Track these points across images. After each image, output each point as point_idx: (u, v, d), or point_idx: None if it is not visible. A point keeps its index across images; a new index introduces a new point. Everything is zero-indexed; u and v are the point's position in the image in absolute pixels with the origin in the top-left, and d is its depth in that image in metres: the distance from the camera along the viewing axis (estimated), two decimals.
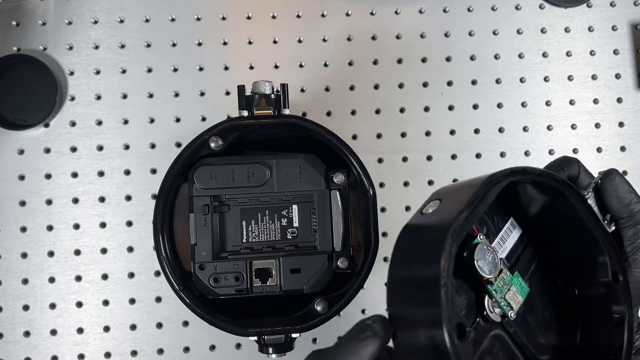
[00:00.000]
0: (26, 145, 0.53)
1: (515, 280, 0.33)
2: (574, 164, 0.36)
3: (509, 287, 0.33)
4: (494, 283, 0.32)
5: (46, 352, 0.51)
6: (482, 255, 0.32)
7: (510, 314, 0.32)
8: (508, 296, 0.32)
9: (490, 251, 0.32)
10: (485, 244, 0.32)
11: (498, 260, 0.32)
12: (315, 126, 0.42)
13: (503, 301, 0.32)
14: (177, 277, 0.41)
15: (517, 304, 0.33)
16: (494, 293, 0.32)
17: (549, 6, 0.57)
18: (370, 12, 0.56)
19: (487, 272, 0.32)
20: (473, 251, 0.32)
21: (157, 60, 0.54)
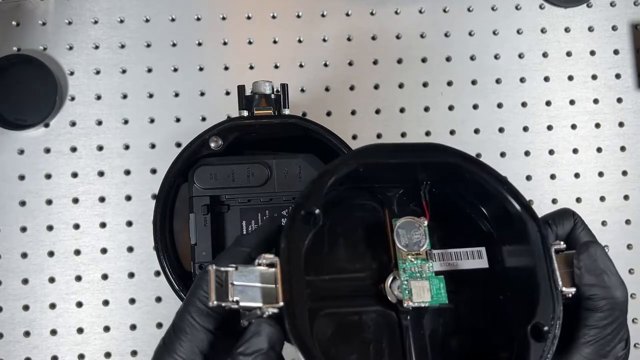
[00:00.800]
0: (26, 145, 0.53)
1: (435, 280, 0.31)
2: (568, 216, 0.32)
3: (422, 280, 0.31)
4: (405, 260, 0.32)
5: (46, 352, 0.51)
6: (407, 226, 0.32)
7: (407, 302, 0.31)
8: (414, 283, 0.31)
9: (419, 231, 0.32)
10: (419, 222, 0.32)
11: (422, 246, 0.32)
12: (315, 126, 0.42)
13: (406, 284, 0.31)
14: (177, 277, 0.41)
15: (420, 298, 0.31)
16: (401, 271, 0.31)
17: (549, 6, 0.57)
18: (370, 12, 0.56)
19: (402, 243, 0.32)
20: (401, 219, 0.32)
21: (157, 60, 0.54)
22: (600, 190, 0.56)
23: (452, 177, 0.32)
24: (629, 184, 0.56)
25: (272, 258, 0.28)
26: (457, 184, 0.33)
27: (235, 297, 0.27)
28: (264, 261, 0.28)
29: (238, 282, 0.27)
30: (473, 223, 0.34)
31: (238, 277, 0.27)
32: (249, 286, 0.27)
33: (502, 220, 0.32)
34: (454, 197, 0.34)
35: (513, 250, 0.32)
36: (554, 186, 0.55)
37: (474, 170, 0.31)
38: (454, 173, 0.32)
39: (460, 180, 0.32)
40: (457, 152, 0.32)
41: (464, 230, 0.34)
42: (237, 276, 0.27)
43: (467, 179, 0.32)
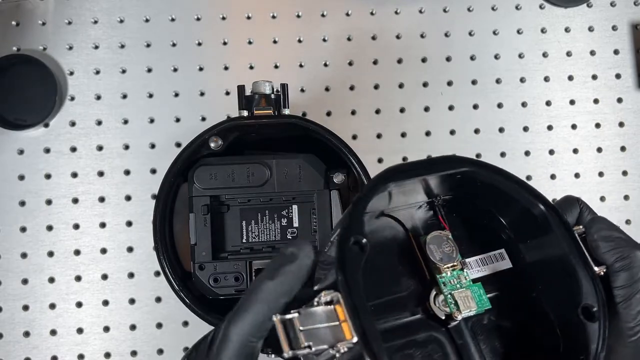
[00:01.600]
0: (26, 145, 0.53)
1: (474, 288, 0.32)
2: (574, 203, 0.34)
3: (463, 289, 0.32)
4: (443, 275, 0.32)
5: (46, 352, 0.51)
6: (436, 242, 0.32)
7: (456, 314, 0.31)
8: (457, 294, 0.31)
9: (449, 244, 0.32)
10: (446, 235, 0.32)
11: (456, 256, 0.32)
12: (315, 126, 0.42)
13: (450, 297, 0.31)
14: (177, 277, 0.41)
15: (466, 308, 0.31)
16: (442, 286, 0.32)
17: (549, 6, 0.57)
18: (370, 12, 0.56)
19: (437, 258, 0.32)
20: (429, 234, 0.32)
21: (157, 60, 0.54)
22: (600, 190, 0.56)
23: (464, 186, 0.33)
24: (629, 184, 0.56)
25: (332, 294, 0.26)
26: (468, 192, 0.33)
27: (306, 343, 0.25)
28: (324, 299, 0.26)
29: (304, 326, 0.26)
30: (486, 228, 0.34)
31: (303, 321, 0.26)
32: (317, 328, 0.26)
33: (519, 218, 0.32)
34: (465, 205, 0.34)
35: (534, 245, 0.33)
36: (554, 186, 0.55)
37: (488, 174, 0.32)
38: (467, 181, 0.32)
39: (472, 187, 0.32)
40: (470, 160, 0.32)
41: (478, 237, 0.34)
42: (302, 320, 0.26)
43: (479, 184, 0.32)
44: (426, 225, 0.34)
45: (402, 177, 0.30)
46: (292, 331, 0.26)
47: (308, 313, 0.26)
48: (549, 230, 0.31)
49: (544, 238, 0.31)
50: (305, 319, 0.26)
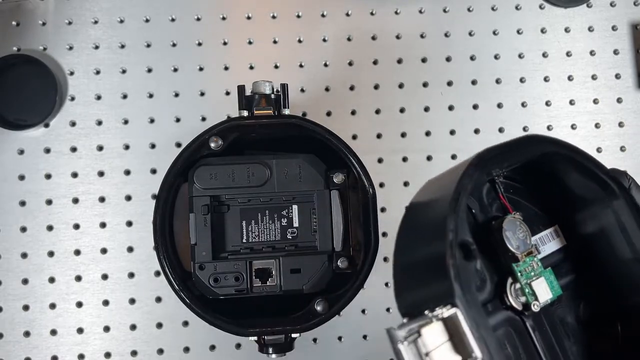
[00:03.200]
0: (26, 145, 0.53)
1: (546, 274, 0.30)
2: (623, 177, 0.32)
3: (538, 276, 0.30)
4: (520, 263, 0.30)
5: (46, 352, 0.51)
6: (512, 228, 0.30)
7: (534, 305, 0.30)
8: (535, 284, 0.30)
9: (522, 229, 0.30)
10: (518, 220, 0.30)
11: (529, 241, 0.30)
12: (315, 126, 0.42)
13: (527, 287, 0.30)
14: (177, 277, 0.41)
15: (543, 297, 0.30)
16: (519, 275, 0.30)
17: (549, 6, 0.57)
18: (370, 12, 0.56)
19: (514, 246, 0.30)
20: (503, 220, 0.30)
21: (157, 60, 0.54)
22: None
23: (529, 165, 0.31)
24: None
25: (449, 310, 0.25)
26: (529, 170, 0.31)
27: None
28: (440, 315, 0.25)
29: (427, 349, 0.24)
30: (539, 205, 0.33)
31: (426, 343, 0.24)
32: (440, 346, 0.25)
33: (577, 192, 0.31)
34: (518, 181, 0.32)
35: (592, 221, 0.31)
36: None
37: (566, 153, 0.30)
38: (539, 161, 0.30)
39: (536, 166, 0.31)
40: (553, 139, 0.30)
41: (531, 215, 0.33)
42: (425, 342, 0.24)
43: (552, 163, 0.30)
44: (486, 204, 0.32)
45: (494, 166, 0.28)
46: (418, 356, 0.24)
47: (427, 333, 0.24)
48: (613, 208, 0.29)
49: (606, 215, 0.30)
50: (426, 340, 0.24)
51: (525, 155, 0.29)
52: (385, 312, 0.53)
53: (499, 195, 0.32)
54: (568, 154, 0.30)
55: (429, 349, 0.24)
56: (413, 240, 0.29)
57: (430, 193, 0.30)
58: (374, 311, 0.53)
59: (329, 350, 0.53)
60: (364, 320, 0.53)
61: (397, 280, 0.28)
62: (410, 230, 0.30)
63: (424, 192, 0.31)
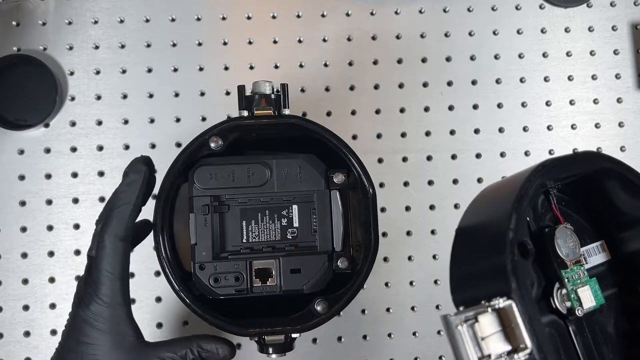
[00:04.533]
0: (26, 145, 0.53)
1: (591, 283, 0.32)
2: None
3: (584, 284, 0.32)
4: (568, 270, 0.32)
5: (46, 352, 0.51)
6: (563, 236, 0.32)
7: (578, 310, 0.31)
8: (580, 291, 0.32)
9: (572, 238, 0.32)
10: (570, 229, 0.32)
11: (578, 250, 0.32)
12: (315, 126, 0.42)
13: (573, 293, 0.32)
14: (177, 277, 0.41)
15: (587, 304, 0.32)
16: (566, 281, 0.32)
17: (549, 6, 0.57)
18: (370, 12, 0.56)
19: (564, 253, 0.32)
20: (556, 229, 0.32)
21: (157, 60, 0.54)
22: None
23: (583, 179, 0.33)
24: None
25: (505, 301, 0.26)
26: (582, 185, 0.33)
27: (489, 352, 0.26)
28: (496, 305, 0.26)
29: (484, 334, 0.26)
30: (588, 219, 0.34)
31: (482, 329, 0.26)
32: (494, 334, 0.26)
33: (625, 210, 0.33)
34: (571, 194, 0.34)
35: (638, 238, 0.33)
36: None
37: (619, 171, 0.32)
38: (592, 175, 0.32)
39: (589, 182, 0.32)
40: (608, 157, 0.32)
41: (581, 228, 0.34)
42: (481, 328, 0.26)
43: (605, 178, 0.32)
44: (540, 213, 0.34)
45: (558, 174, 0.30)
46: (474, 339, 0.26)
47: (484, 321, 0.26)
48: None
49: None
50: (483, 326, 0.26)
51: (583, 169, 0.31)
52: (385, 312, 0.53)
53: (552, 206, 0.34)
54: (622, 172, 0.32)
55: (485, 334, 0.26)
56: (474, 237, 0.31)
57: (491, 195, 0.32)
58: (374, 311, 0.53)
59: (329, 350, 0.53)
60: (364, 320, 0.53)
61: (454, 274, 0.30)
62: (471, 227, 0.31)
63: (485, 194, 0.33)
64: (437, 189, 0.54)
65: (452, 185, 0.55)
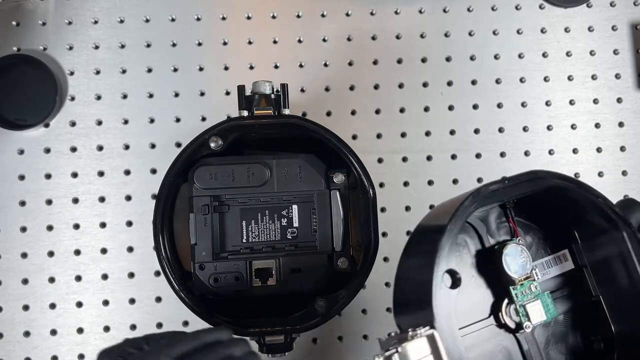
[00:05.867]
0: (26, 145, 0.53)
1: (543, 297, 0.33)
2: (637, 207, 0.33)
3: (534, 299, 0.32)
4: (517, 286, 0.32)
5: (46, 352, 0.51)
6: (513, 253, 0.32)
7: (527, 325, 0.32)
8: (529, 306, 0.32)
9: (524, 254, 0.32)
10: (521, 246, 0.32)
11: (529, 267, 0.32)
12: (315, 126, 0.42)
13: (522, 308, 0.32)
14: (177, 277, 0.41)
15: (536, 319, 0.32)
16: (515, 297, 0.32)
17: (549, 6, 0.57)
18: (370, 12, 0.56)
19: (512, 271, 0.32)
20: (506, 245, 0.32)
21: (157, 60, 0.54)
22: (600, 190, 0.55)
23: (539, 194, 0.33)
24: (629, 184, 0.56)
25: (427, 331, 0.27)
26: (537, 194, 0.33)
27: None
28: (419, 334, 0.27)
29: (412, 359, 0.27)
30: (550, 228, 0.34)
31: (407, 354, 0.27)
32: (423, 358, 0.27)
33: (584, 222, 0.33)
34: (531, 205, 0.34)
35: (599, 249, 0.33)
36: None
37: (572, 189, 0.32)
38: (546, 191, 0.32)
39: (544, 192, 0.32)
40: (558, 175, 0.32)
41: (542, 238, 0.35)
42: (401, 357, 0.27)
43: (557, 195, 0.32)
44: (494, 228, 0.34)
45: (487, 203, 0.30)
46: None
47: (405, 350, 0.27)
48: (617, 240, 0.31)
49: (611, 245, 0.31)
50: (403, 356, 0.27)
51: (527, 189, 0.31)
52: (386, 312, 0.53)
53: (510, 219, 0.34)
54: (573, 189, 0.32)
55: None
56: (408, 267, 0.31)
57: (427, 222, 0.33)
58: (374, 311, 0.53)
59: (329, 350, 0.53)
60: (364, 320, 0.53)
61: (395, 298, 0.31)
62: (407, 256, 0.32)
63: (425, 219, 0.33)
64: (437, 189, 0.54)
65: (452, 185, 0.55)
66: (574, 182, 0.32)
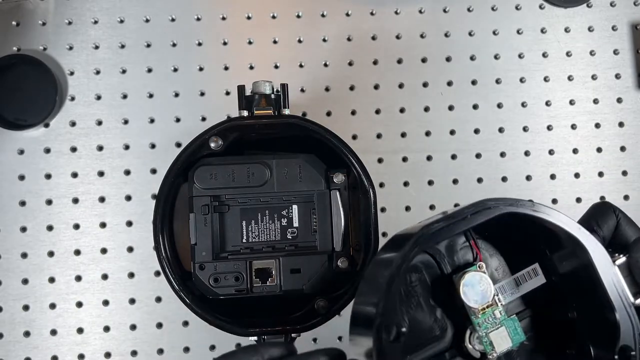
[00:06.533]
0: (26, 145, 0.53)
1: (509, 322, 0.31)
2: (609, 213, 0.31)
3: (498, 327, 0.31)
4: (478, 315, 0.31)
5: (46, 352, 0.51)
6: (471, 282, 0.31)
7: (491, 354, 0.31)
8: (493, 334, 0.31)
9: (483, 282, 0.31)
10: (481, 273, 0.31)
11: (490, 294, 0.31)
12: (315, 126, 0.42)
13: (485, 337, 0.31)
14: (177, 277, 0.41)
15: (502, 346, 0.31)
16: (477, 326, 0.31)
17: (549, 6, 0.57)
18: (370, 12, 0.56)
19: (472, 301, 0.31)
20: (464, 275, 0.31)
21: (157, 60, 0.54)
22: (600, 190, 0.56)
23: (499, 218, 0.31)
24: (629, 184, 0.56)
25: None
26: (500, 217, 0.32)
27: None
28: None
29: None
30: (517, 244, 0.33)
31: None
32: None
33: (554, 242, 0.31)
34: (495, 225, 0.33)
35: (569, 266, 0.31)
36: (554, 186, 0.55)
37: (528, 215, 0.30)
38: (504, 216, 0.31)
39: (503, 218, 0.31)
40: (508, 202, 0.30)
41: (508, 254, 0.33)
42: None
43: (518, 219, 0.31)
44: (457, 251, 0.33)
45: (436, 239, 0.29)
46: None
47: None
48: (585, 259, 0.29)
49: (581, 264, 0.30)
50: None
51: (477, 221, 0.29)
52: None
53: (471, 242, 0.32)
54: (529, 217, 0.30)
55: None
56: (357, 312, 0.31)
57: (375, 264, 0.31)
58: None
59: None
60: None
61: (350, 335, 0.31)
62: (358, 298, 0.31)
63: (375, 260, 0.32)
64: (437, 189, 0.54)
65: (452, 185, 0.55)
66: (526, 206, 0.29)
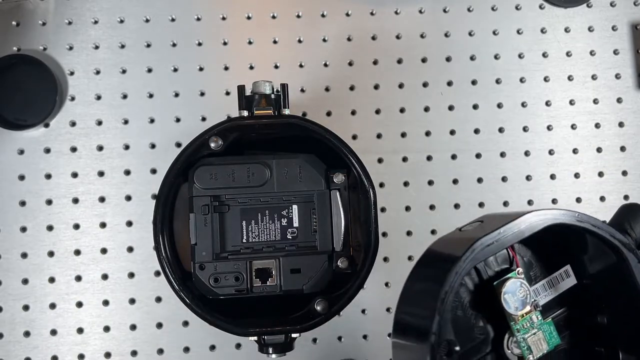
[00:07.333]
0: (26, 145, 0.53)
1: (545, 327, 0.32)
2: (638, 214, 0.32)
3: (535, 331, 0.32)
4: (517, 321, 0.32)
5: (46, 352, 0.51)
6: (512, 289, 0.31)
7: (529, 357, 0.31)
8: (531, 339, 0.32)
9: (523, 288, 0.32)
10: (520, 280, 0.32)
11: (529, 300, 0.32)
12: (315, 126, 0.42)
13: (523, 342, 0.32)
14: (177, 277, 0.41)
15: (539, 350, 0.32)
16: (516, 331, 0.32)
17: (549, 6, 0.57)
18: (370, 12, 0.56)
19: (512, 307, 0.31)
20: (504, 282, 0.31)
21: (157, 60, 0.54)
22: (600, 190, 0.56)
23: None
24: (629, 184, 0.56)
25: None
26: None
27: None
28: None
29: None
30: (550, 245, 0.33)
31: None
32: None
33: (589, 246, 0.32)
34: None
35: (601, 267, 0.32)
36: (554, 186, 0.55)
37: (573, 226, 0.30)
38: None
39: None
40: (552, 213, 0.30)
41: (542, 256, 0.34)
42: None
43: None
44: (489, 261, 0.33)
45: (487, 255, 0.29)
46: None
47: None
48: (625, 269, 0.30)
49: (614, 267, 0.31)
50: None
51: (526, 234, 0.30)
52: (386, 312, 0.53)
53: (509, 248, 0.33)
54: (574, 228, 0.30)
55: None
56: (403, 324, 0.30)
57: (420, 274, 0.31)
58: (374, 311, 0.53)
59: (329, 350, 0.53)
60: (364, 320, 0.53)
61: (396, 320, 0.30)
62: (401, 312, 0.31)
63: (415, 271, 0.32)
64: (437, 189, 0.54)
65: (452, 185, 0.55)
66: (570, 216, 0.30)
